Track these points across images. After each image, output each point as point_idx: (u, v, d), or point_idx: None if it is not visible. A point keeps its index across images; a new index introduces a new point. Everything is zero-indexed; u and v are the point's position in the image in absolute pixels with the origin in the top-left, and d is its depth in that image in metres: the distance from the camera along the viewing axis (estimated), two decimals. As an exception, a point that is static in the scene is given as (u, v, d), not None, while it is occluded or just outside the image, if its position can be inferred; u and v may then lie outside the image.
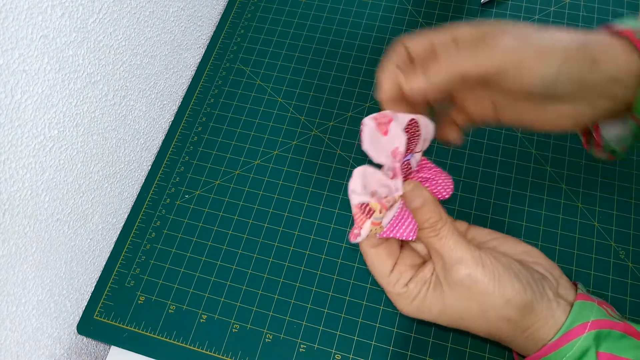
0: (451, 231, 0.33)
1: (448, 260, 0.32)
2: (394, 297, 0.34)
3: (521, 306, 0.31)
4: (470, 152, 0.53)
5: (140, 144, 0.54)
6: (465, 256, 0.32)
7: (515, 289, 0.31)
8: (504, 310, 0.31)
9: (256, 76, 0.59)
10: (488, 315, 0.32)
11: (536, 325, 0.32)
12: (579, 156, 0.52)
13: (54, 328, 0.47)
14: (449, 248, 0.32)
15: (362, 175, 0.31)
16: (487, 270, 0.32)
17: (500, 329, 0.32)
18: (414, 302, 0.33)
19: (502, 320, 0.32)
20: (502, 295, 0.31)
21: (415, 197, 0.33)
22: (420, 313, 0.33)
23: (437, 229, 0.32)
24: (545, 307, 0.32)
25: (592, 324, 0.31)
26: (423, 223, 0.33)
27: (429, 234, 0.33)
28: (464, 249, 0.32)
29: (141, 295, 0.49)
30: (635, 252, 0.48)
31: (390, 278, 0.33)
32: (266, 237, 0.51)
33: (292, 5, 0.63)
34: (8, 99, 0.36)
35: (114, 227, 0.53)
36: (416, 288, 0.33)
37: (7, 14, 0.34)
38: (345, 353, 0.46)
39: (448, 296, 0.32)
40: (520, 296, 0.31)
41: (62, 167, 0.44)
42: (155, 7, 0.51)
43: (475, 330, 0.34)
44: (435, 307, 0.33)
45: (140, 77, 0.52)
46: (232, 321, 0.48)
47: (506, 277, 0.32)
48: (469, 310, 0.32)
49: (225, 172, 0.54)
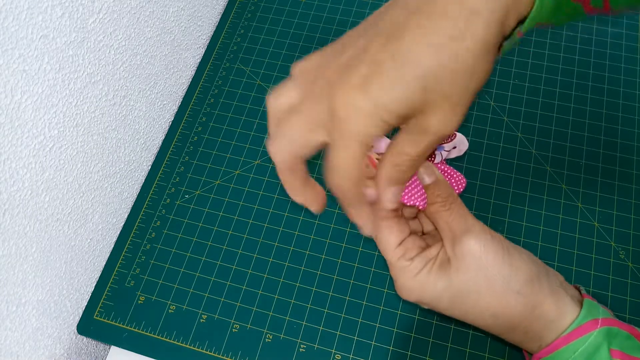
0: (462, 206, 0.33)
1: (458, 230, 0.32)
2: (397, 271, 0.33)
3: (529, 277, 0.32)
4: (470, 152, 0.53)
5: (140, 144, 0.54)
6: (475, 226, 0.32)
7: (522, 259, 0.32)
8: (513, 281, 0.31)
9: (256, 76, 0.59)
10: (495, 287, 0.31)
11: (546, 303, 0.32)
12: (579, 156, 0.52)
13: (54, 328, 0.47)
14: (459, 219, 0.33)
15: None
16: (496, 240, 0.32)
17: (509, 305, 0.32)
18: (418, 276, 0.33)
19: (510, 293, 0.32)
20: (510, 264, 0.32)
21: (429, 174, 0.33)
22: (421, 290, 0.33)
23: (448, 203, 0.33)
24: (554, 289, 0.32)
25: (603, 321, 0.31)
26: (435, 197, 0.33)
27: (439, 208, 0.33)
28: (473, 220, 0.33)
29: (141, 295, 0.49)
30: (635, 252, 0.48)
31: (396, 251, 0.33)
32: (266, 237, 0.51)
33: (292, 5, 0.63)
34: (8, 99, 0.36)
35: (114, 227, 0.53)
36: (421, 263, 0.33)
37: (7, 14, 0.34)
38: (345, 353, 0.46)
39: (454, 269, 0.32)
40: (528, 267, 0.32)
41: (62, 167, 0.44)
42: (155, 7, 0.51)
43: (479, 310, 0.33)
44: (439, 284, 0.32)
45: (140, 77, 0.52)
46: (232, 321, 0.48)
47: (513, 249, 0.32)
48: (476, 282, 0.32)
49: (225, 172, 0.54)
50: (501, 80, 0.56)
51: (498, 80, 0.57)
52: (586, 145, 0.53)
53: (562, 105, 0.55)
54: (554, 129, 0.54)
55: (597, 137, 0.53)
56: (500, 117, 0.55)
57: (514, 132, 0.54)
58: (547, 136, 0.53)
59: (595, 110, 0.54)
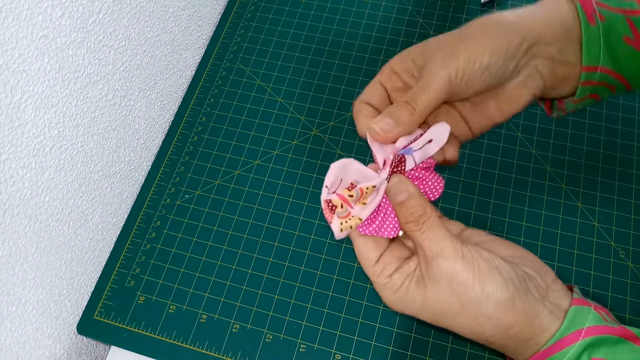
0: (434, 225, 0.32)
1: (429, 252, 0.32)
2: (378, 287, 0.34)
3: (502, 301, 0.31)
4: (470, 152, 0.53)
5: (140, 144, 0.54)
6: (446, 249, 0.32)
7: (496, 283, 0.31)
8: (483, 305, 0.31)
9: (256, 76, 0.59)
10: (468, 310, 0.31)
11: (519, 324, 0.31)
12: (579, 156, 0.52)
13: (54, 328, 0.47)
14: (430, 241, 0.32)
15: (339, 168, 0.31)
16: (467, 263, 0.31)
17: (482, 326, 0.32)
18: (397, 293, 0.33)
19: (482, 317, 0.31)
20: (481, 289, 0.31)
21: (400, 190, 0.33)
22: (402, 305, 0.33)
23: (420, 223, 0.32)
24: (529, 306, 0.31)
25: (587, 331, 0.31)
26: (407, 217, 0.32)
27: (412, 228, 0.32)
28: (445, 242, 0.32)
29: (141, 295, 0.49)
30: (635, 252, 0.48)
31: (375, 268, 0.33)
32: (266, 237, 0.51)
33: (292, 5, 0.63)
34: (8, 99, 0.36)
35: (114, 227, 0.53)
36: (399, 280, 0.33)
37: (7, 14, 0.34)
38: (345, 353, 0.46)
39: (429, 290, 0.32)
40: (500, 291, 0.31)
41: (62, 167, 0.44)
42: (155, 7, 0.51)
43: (457, 329, 0.33)
44: (417, 300, 0.32)
45: (140, 77, 0.52)
46: (232, 321, 0.48)
47: (487, 271, 0.31)
48: (450, 305, 0.32)
49: (225, 172, 0.54)
50: (501, 80, 0.56)
51: (498, 80, 0.57)
52: (586, 145, 0.53)
53: (562, 105, 0.55)
54: (554, 129, 0.54)
55: (597, 137, 0.53)
56: (500, 117, 0.55)
57: (514, 132, 0.54)
58: (547, 136, 0.53)
59: (595, 110, 0.54)
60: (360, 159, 0.54)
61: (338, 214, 0.32)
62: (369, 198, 0.32)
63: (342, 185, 0.32)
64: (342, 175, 0.31)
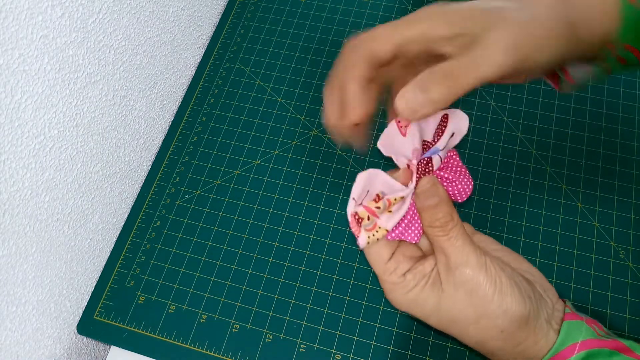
0: (461, 233, 0.32)
1: (454, 260, 0.31)
2: (389, 286, 0.33)
3: (517, 319, 0.31)
4: (470, 152, 0.53)
5: (140, 144, 0.54)
6: (471, 259, 0.31)
7: (515, 300, 0.31)
8: (499, 320, 0.31)
9: (256, 76, 0.59)
10: (482, 322, 0.31)
11: (528, 342, 0.31)
12: (579, 156, 0.52)
13: (54, 328, 0.47)
14: (456, 248, 0.31)
15: (365, 180, 0.30)
16: (490, 276, 0.31)
17: (492, 338, 0.32)
18: (410, 294, 0.32)
19: (495, 330, 0.31)
20: (500, 304, 0.31)
21: (431, 195, 0.32)
22: (413, 307, 0.32)
23: (448, 230, 0.31)
24: (539, 326, 0.31)
25: (581, 345, 0.31)
26: (434, 222, 0.32)
27: (437, 233, 0.32)
28: (470, 252, 0.31)
29: (141, 295, 0.49)
30: (635, 252, 0.48)
31: (387, 266, 0.32)
32: (266, 237, 0.51)
33: (292, 5, 0.63)
34: (8, 99, 0.36)
35: (114, 227, 0.53)
36: (414, 280, 0.32)
37: (7, 14, 0.34)
38: (345, 353, 0.46)
39: (446, 296, 0.32)
40: (518, 308, 0.31)
41: (62, 167, 0.44)
42: (155, 7, 0.51)
43: (464, 337, 0.33)
44: (430, 304, 0.32)
45: (140, 77, 0.52)
46: (232, 321, 0.48)
47: (508, 288, 0.31)
48: (464, 314, 0.31)
49: (225, 172, 0.54)
50: (501, 80, 0.56)
51: (498, 80, 0.57)
52: (586, 145, 0.53)
53: (562, 105, 0.55)
54: (554, 129, 0.54)
55: (597, 137, 0.53)
56: (500, 117, 0.55)
57: (514, 132, 0.54)
58: (547, 136, 0.53)
59: (595, 110, 0.54)
60: (361, 160, 0.54)
61: (364, 227, 0.31)
62: (395, 207, 0.32)
63: (368, 197, 0.31)
64: (368, 186, 0.31)
